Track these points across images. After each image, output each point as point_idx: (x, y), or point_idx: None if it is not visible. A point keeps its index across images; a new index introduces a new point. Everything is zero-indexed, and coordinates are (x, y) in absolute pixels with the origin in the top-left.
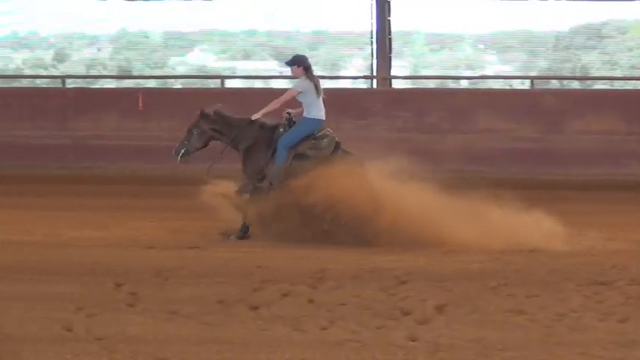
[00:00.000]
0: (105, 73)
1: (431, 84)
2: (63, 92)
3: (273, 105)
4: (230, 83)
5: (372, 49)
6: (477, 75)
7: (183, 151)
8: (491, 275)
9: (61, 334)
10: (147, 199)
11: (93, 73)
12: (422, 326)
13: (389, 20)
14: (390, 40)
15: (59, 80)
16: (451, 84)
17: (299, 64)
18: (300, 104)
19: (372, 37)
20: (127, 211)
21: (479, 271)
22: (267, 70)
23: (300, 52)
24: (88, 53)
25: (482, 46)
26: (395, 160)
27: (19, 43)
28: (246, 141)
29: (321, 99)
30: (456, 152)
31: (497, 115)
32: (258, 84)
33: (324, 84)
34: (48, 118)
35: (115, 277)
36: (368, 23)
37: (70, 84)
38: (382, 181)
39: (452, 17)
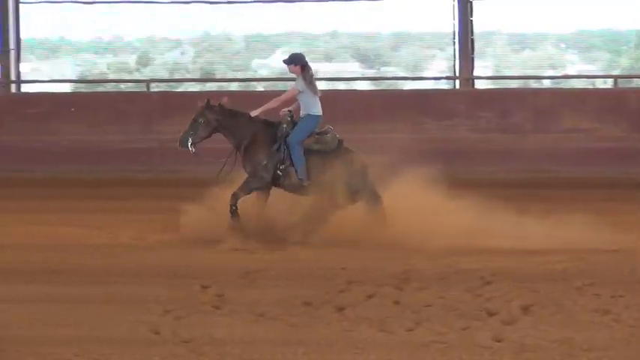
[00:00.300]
0: (188, 76)
1: (513, 84)
2: (147, 96)
3: (273, 103)
4: None
5: (454, 49)
6: (559, 74)
7: (190, 140)
8: (576, 275)
9: (148, 337)
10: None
11: (176, 76)
12: (507, 327)
13: (471, 20)
14: (472, 40)
15: (143, 84)
16: (533, 84)
17: (297, 62)
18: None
19: (454, 38)
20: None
21: (563, 271)
22: (349, 72)
23: (380, 53)
24: (171, 57)
25: (564, 46)
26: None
27: (103, 47)
28: (247, 137)
29: (318, 96)
30: (539, 152)
31: (580, 115)
32: (340, 86)
33: (407, 85)
34: (133, 121)
35: (202, 280)
36: (450, 24)
37: (154, 88)
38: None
39: (534, 17)
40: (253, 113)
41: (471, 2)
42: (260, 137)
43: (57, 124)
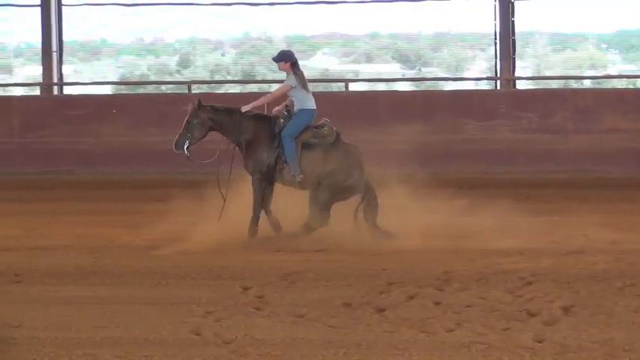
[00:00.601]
0: (229, 78)
1: (554, 84)
2: (189, 98)
3: (265, 99)
4: (353, 86)
5: (495, 50)
6: (600, 75)
7: (187, 143)
8: (617, 276)
9: (189, 338)
10: (276, 204)
11: (217, 78)
12: (548, 327)
13: (512, 21)
14: (513, 40)
15: (184, 86)
16: (574, 84)
17: (286, 59)
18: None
19: (495, 38)
20: None
21: (604, 271)
22: (390, 73)
23: (421, 54)
24: (212, 58)
25: (605, 46)
26: None
27: (144, 49)
28: (245, 133)
29: (310, 92)
30: (580, 152)
31: (621, 115)
32: (381, 87)
33: (447, 86)
34: (174, 123)
35: (242, 281)
36: (491, 24)
37: (195, 89)
38: None
39: (574, 16)
40: (244, 108)
41: (513, 2)
42: (259, 133)
43: (98, 125)
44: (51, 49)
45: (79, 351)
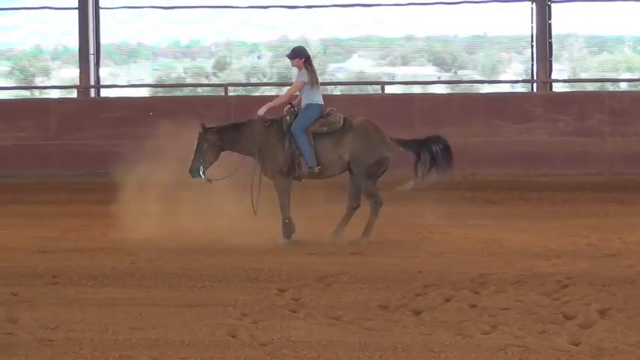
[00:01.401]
0: (265, 80)
1: (590, 87)
2: (225, 100)
3: (281, 99)
4: (389, 89)
5: (531, 52)
6: (636, 77)
7: (201, 169)
8: None
9: (225, 340)
10: (308, 206)
11: (253, 80)
12: (585, 330)
13: (549, 23)
14: (550, 43)
15: (220, 88)
16: (610, 87)
17: (300, 55)
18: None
19: (531, 41)
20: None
21: None
22: (426, 76)
23: (457, 56)
24: (249, 61)
25: None
26: None
27: (180, 52)
28: (258, 142)
29: (319, 87)
30: (617, 155)
31: None
32: (416, 89)
33: (483, 88)
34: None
35: (278, 283)
36: (527, 27)
37: (231, 92)
38: None
39: (611, 19)
40: (261, 111)
41: (549, 5)
42: (269, 137)
43: (135, 128)
44: (88, 52)
45: (116, 353)
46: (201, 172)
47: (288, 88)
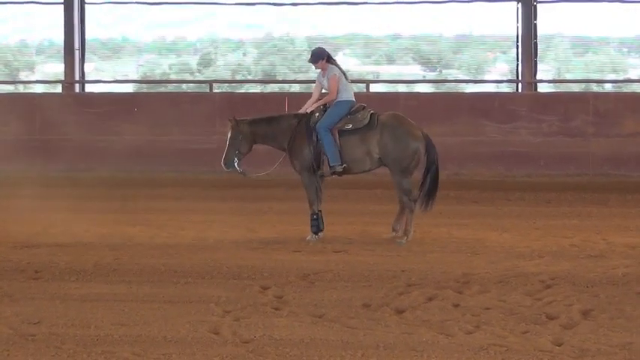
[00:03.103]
0: (250, 77)
1: (574, 87)
2: (210, 97)
3: (327, 99)
4: (374, 87)
5: (516, 52)
6: (621, 78)
7: (236, 160)
8: (637, 280)
9: (208, 337)
10: (292, 203)
11: (238, 77)
12: (568, 331)
13: (535, 24)
14: (535, 43)
15: (205, 85)
16: (595, 87)
17: (322, 57)
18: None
19: (517, 41)
20: (274, 215)
21: (624, 275)
22: (411, 75)
23: (442, 56)
24: (234, 58)
25: (626, 49)
26: None
27: (166, 48)
28: (287, 136)
29: (349, 82)
30: (601, 156)
31: None
32: (401, 88)
33: (468, 88)
34: (195, 122)
35: (262, 281)
36: (512, 27)
37: (216, 89)
38: None
39: (596, 20)
40: (309, 109)
41: (535, 5)
42: (298, 132)
43: (119, 124)
44: (73, 47)
45: (98, 348)
46: (235, 164)
47: (272, 85)
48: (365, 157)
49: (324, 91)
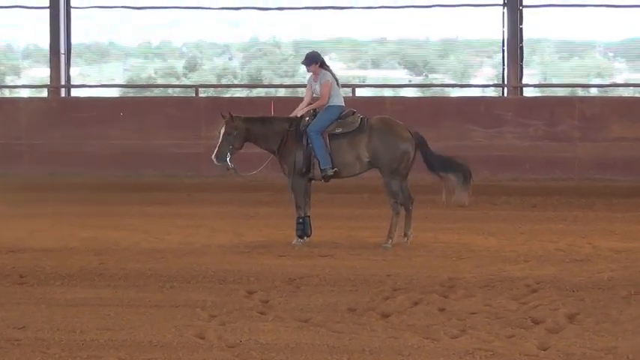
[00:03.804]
0: (235, 82)
1: (560, 92)
2: (196, 101)
3: (318, 103)
4: (360, 92)
5: (502, 57)
6: (607, 83)
7: (228, 155)
8: (622, 284)
9: (193, 342)
10: (279, 207)
11: (224, 82)
12: (553, 335)
13: (521, 28)
14: (521, 48)
15: (191, 89)
16: (580, 92)
17: (316, 61)
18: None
19: (502, 45)
20: (260, 219)
21: (609, 280)
22: (397, 79)
23: (428, 60)
24: (220, 62)
25: (612, 54)
26: None
27: (152, 52)
28: (277, 138)
29: (340, 88)
30: (587, 160)
31: (628, 123)
32: (387, 92)
33: (454, 92)
34: (181, 127)
35: (247, 285)
36: (498, 31)
37: (202, 93)
38: None
39: (582, 25)
40: (297, 112)
41: (521, 10)
42: (289, 136)
43: (105, 128)
44: (59, 51)
45: (84, 353)
46: (227, 159)
47: (258, 89)
48: (355, 160)
49: (314, 95)
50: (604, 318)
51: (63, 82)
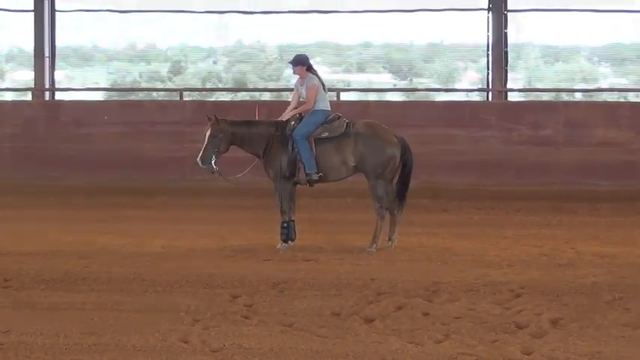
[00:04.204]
0: (220, 85)
1: (545, 96)
2: (180, 105)
3: (304, 107)
4: (345, 96)
5: (487, 61)
6: (591, 87)
7: (214, 158)
8: (606, 289)
9: (177, 346)
10: (263, 211)
11: (208, 85)
12: (537, 340)
13: (505, 32)
14: (505, 52)
15: (175, 93)
16: (565, 97)
17: (303, 63)
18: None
19: (487, 50)
20: (244, 224)
21: (593, 284)
22: (381, 83)
23: (413, 64)
24: (204, 66)
25: (596, 59)
26: None
27: (136, 56)
28: (264, 143)
29: (326, 93)
30: (571, 165)
31: (613, 128)
32: (372, 97)
33: (439, 96)
34: (165, 130)
35: (231, 289)
36: (483, 35)
37: (186, 97)
38: None
39: (567, 29)
40: (284, 116)
41: (506, 14)
42: (274, 140)
43: (89, 132)
44: (43, 54)
45: (67, 357)
46: (212, 162)
47: (243, 93)
48: (341, 165)
49: (301, 99)
50: (588, 323)
51: (47, 86)
